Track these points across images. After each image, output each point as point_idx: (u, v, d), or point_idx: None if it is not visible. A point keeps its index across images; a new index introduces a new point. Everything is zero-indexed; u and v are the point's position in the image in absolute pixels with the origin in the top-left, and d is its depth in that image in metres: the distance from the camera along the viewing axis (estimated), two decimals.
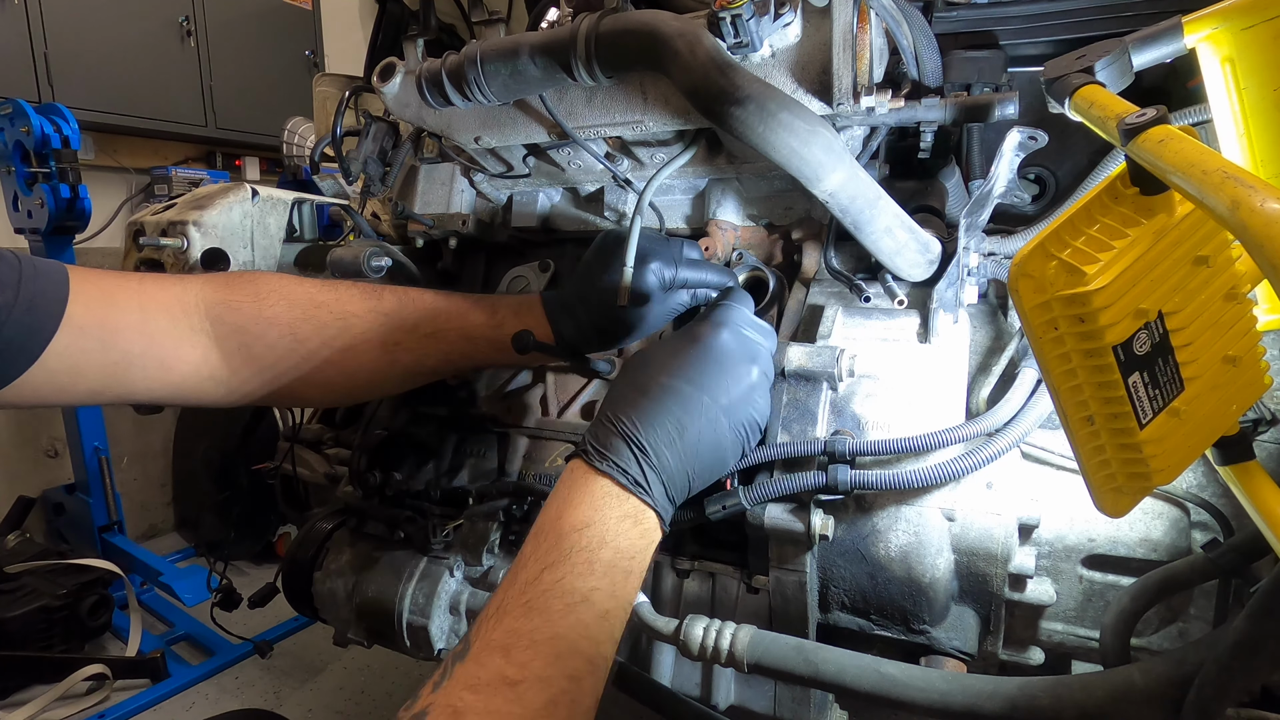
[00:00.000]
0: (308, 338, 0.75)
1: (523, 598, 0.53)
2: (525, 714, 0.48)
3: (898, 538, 0.73)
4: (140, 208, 2.85)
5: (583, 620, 0.52)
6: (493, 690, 0.48)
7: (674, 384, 0.62)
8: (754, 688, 0.80)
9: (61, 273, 0.66)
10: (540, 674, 0.50)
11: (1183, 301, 0.49)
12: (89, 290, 0.66)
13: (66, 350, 0.64)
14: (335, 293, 0.78)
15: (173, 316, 0.71)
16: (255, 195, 1.04)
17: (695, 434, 0.61)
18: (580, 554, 0.55)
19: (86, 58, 2.71)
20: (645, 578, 0.63)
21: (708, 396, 0.62)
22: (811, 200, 0.79)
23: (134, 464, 3.10)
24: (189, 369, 0.72)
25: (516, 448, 0.94)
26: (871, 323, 0.81)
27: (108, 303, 0.67)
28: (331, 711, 2.05)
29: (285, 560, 1.04)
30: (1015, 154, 0.68)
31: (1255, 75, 0.52)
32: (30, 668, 2.06)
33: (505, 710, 0.48)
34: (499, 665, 0.49)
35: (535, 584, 0.53)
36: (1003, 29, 0.80)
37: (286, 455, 1.13)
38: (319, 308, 0.76)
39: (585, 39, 0.71)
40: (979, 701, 0.57)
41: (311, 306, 0.76)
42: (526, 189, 1.01)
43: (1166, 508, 0.73)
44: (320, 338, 0.75)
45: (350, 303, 0.78)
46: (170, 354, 0.71)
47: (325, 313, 0.76)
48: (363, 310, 0.78)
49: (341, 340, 0.76)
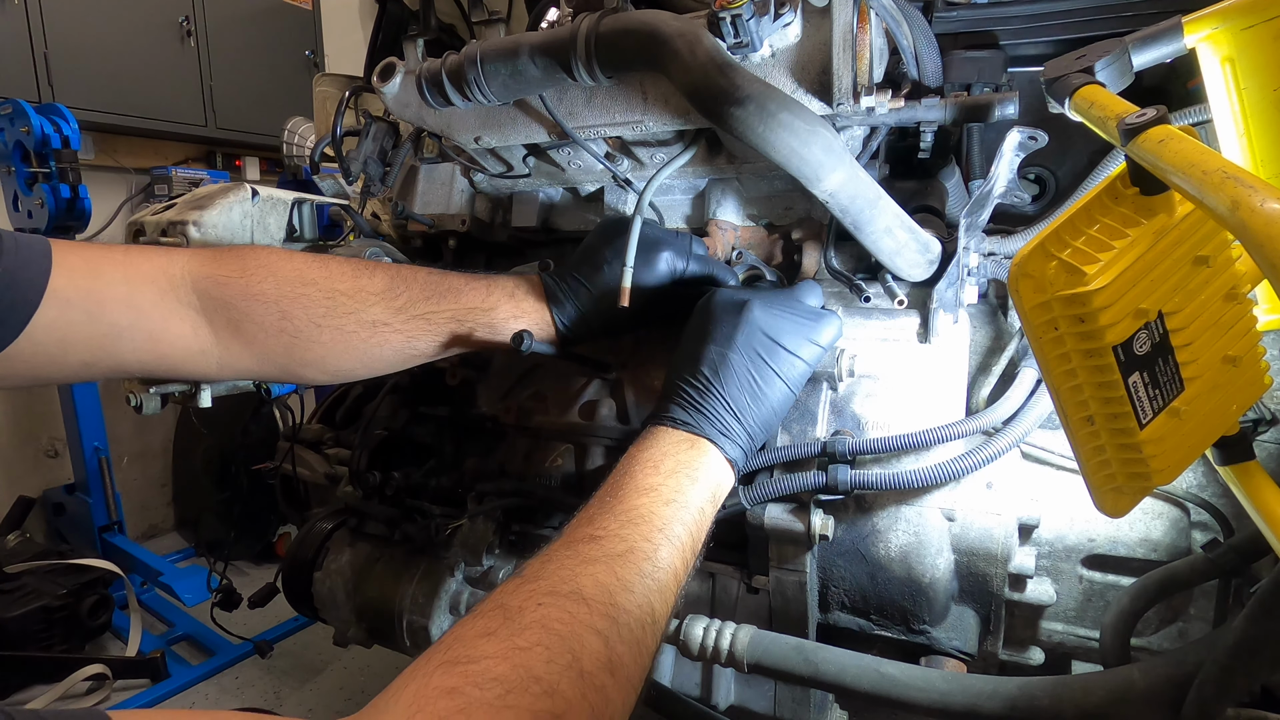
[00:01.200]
0: (295, 316, 0.75)
1: (599, 500, 0.61)
2: (608, 556, 0.55)
3: (898, 538, 0.73)
4: (140, 208, 2.86)
5: (650, 504, 0.60)
6: (580, 543, 0.56)
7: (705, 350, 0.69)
8: (754, 688, 0.80)
9: (43, 246, 0.65)
10: (618, 533, 0.57)
11: (1183, 301, 0.49)
12: (73, 262, 0.66)
13: (54, 323, 0.64)
14: (325, 269, 0.77)
15: (159, 289, 0.71)
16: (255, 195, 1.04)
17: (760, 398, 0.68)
18: (638, 468, 0.63)
19: (86, 58, 2.71)
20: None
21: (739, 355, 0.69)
22: (811, 200, 0.79)
23: (134, 464, 3.10)
24: (179, 342, 0.72)
25: (516, 448, 0.94)
26: (871, 323, 0.81)
27: (93, 274, 0.67)
28: (331, 711, 2.05)
29: (285, 560, 1.04)
30: (1015, 154, 0.68)
31: (1255, 75, 0.52)
32: (30, 668, 2.06)
33: (590, 554, 0.54)
34: (586, 530, 0.57)
35: (619, 486, 0.62)
36: (1003, 29, 0.80)
37: (286, 455, 1.13)
38: (307, 285, 0.75)
39: (585, 39, 0.71)
40: (979, 701, 0.57)
41: (300, 284, 0.75)
42: (526, 189, 1.01)
43: (1166, 508, 0.73)
44: (308, 317, 0.75)
45: (339, 280, 0.77)
46: (158, 327, 0.71)
47: (314, 290, 0.75)
48: (351, 289, 0.77)
49: (329, 320, 0.76)
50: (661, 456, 0.64)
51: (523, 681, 0.44)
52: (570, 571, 0.53)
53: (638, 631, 0.52)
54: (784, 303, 0.72)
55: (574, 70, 0.72)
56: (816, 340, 0.71)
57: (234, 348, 0.75)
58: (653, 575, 0.55)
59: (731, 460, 0.66)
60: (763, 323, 0.69)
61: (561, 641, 0.47)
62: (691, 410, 0.67)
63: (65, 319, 0.65)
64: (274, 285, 0.75)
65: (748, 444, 0.67)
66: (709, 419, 0.66)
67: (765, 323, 0.69)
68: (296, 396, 1.36)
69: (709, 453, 0.65)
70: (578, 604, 0.50)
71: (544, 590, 0.51)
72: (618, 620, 0.51)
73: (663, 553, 0.57)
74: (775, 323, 0.70)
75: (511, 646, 0.46)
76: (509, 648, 0.46)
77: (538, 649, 0.46)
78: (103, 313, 0.67)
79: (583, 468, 0.88)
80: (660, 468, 0.62)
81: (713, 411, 0.66)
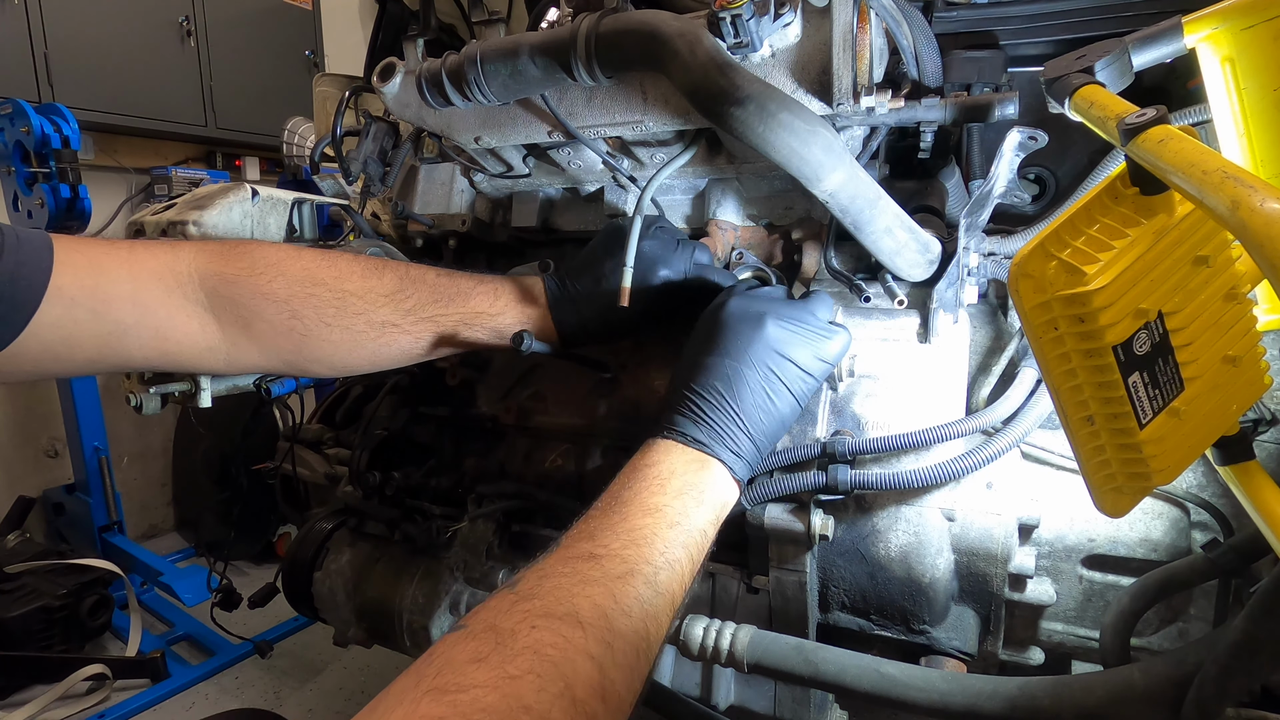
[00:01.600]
0: (305, 316, 0.75)
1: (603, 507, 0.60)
2: (607, 578, 0.53)
3: (898, 538, 0.73)
4: (140, 208, 2.85)
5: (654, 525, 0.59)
6: (579, 561, 0.55)
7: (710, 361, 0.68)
8: (754, 688, 0.80)
9: (45, 241, 0.65)
10: (620, 553, 0.55)
11: (1183, 301, 0.49)
12: (77, 259, 0.66)
13: (59, 321, 0.64)
14: (334, 269, 0.78)
15: (166, 286, 0.70)
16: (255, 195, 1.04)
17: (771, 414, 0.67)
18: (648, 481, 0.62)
19: (86, 58, 2.71)
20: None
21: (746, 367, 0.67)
22: (811, 200, 0.79)
23: (134, 464, 3.10)
24: (186, 339, 0.72)
25: (516, 448, 0.94)
26: (871, 323, 0.81)
27: (97, 271, 0.67)
28: (331, 711, 2.05)
29: (285, 560, 1.04)
30: (1015, 154, 0.68)
31: (1255, 75, 0.52)
32: (30, 668, 2.06)
33: (590, 574, 0.53)
34: (586, 546, 0.56)
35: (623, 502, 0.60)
36: (1003, 29, 0.80)
37: (286, 455, 1.13)
38: (317, 285, 0.76)
39: (585, 39, 0.71)
40: (979, 701, 0.57)
41: (310, 284, 0.76)
42: (526, 189, 1.01)
43: (1166, 508, 0.73)
44: (318, 316, 0.75)
45: (349, 281, 0.77)
46: (165, 324, 0.70)
47: (324, 290, 0.76)
48: (361, 290, 0.77)
49: (339, 320, 0.76)
50: (669, 474, 0.62)
51: (513, 712, 0.43)
52: (567, 592, 0.51)
53: (632, 657, 0.51)
54: (798, 316, 0.70)
55: (574, 70, 0.72)
56: (827, 357, 0.70)
57: (242, 344, 0.75)
58: (651, 600, 0.54)
59: (739, 479, 0.66)
60: (777, 338, 0.68)
61: (554, 668, 0.46)
62: (703, 426, 0.65)
63: (70, 317, 0.65)
64: (284, 285, 0.75)
65: (755, 459, 0.67)
66: (721, 437, 0.65)
67: (779, 338, 0.68)
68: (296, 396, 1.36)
69: (718, 474, 0.64)
70: (573, 628, 0.49)
71: (539, 611, 0.49)
72: (613, 645, 0.50)
73: (662, 576, 0.56)
74: (789, 338, 0.68)
75: (502, 675, 0.45)
76: (500, 676, 0.45)
77: (529, 677, 0.45)
78: (108, 310, 0.67)
79: (583, 468, 0.88)
80: (667, 487, 0.61)
81: (724, 429, 0.65)
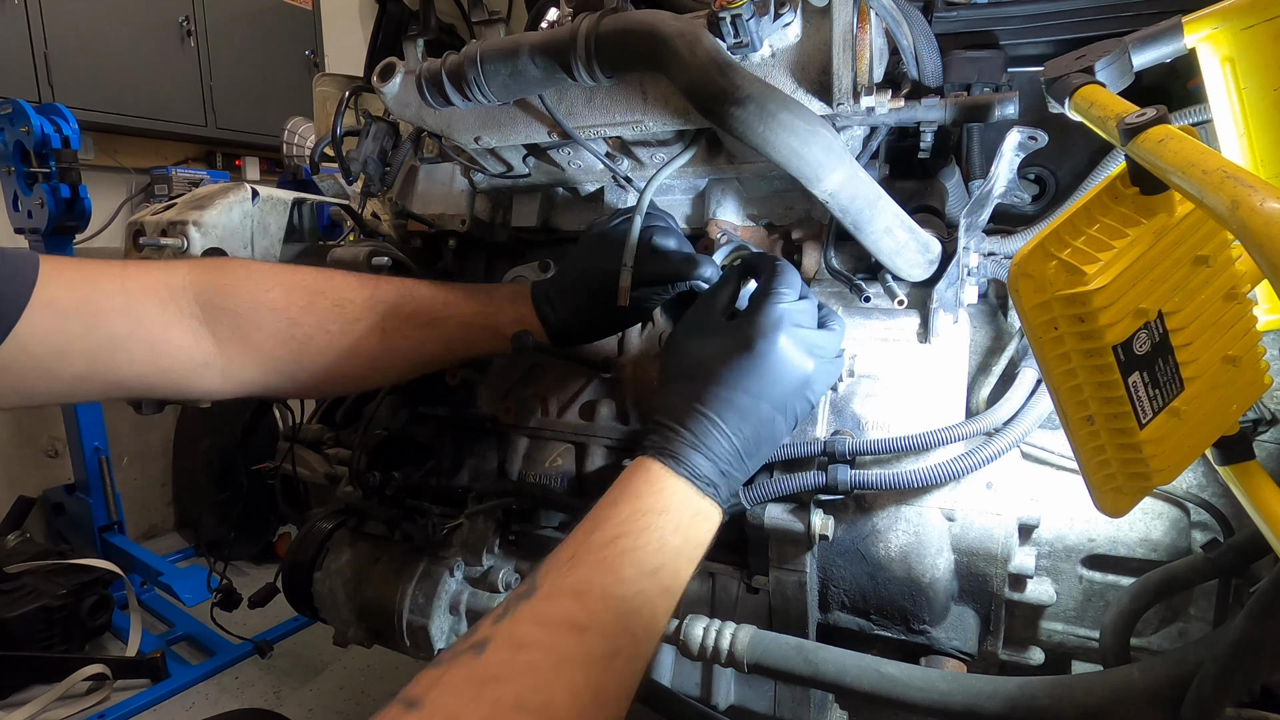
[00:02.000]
0: (305, 324, 0.74)
1: (599, 554, 0.55)
2: (589, 660, 0.49)
3: (898, 538, 0.73)
4: (140, 208, 2.85)
5: (648, 591, 0.55)
6: (561, 630, 0.50)
7: (734, 396, 0.64)
8: (754, 688, 0.80)
9: (30, 259, 0.64)
10: (607, 626, 0.52)
11: (1183, 301, 0.49)
12: (69, 274, 0.65)
13: (49, 334, 0.63)
14: (332, 281, 0.78)
15: (160, 300, 0.69)
16: (255, 195, 1.04)
17: (754, 438, 0.64)
18: (654, 533, 0.58)
19: (86, 58, 2.71)
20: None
21: (765, 404, 0.64)
22: (811, 200, 0.79)
23: (134, 464, 3.10)
24: (180, 354, 0.71)
25: (516, 448, 0.94)
26: (871, 323, 0.81)
27: (89, 284, 0.66)
28: (331, 711, 2.05)
29: (285, 560, 1.04)
30: (1015, 154, 0.68)
31: (1255, 75, 0.52)
32: (30, 668, 2.06)
33: (570, 652, 0.49)
34: (569, 609, 0.51)
35: (611, 546, 0.56)
36: (1003, 29, 0.80)
37: (286, 455, 1.13)
38: (317, 294, 0.76)
39: (585, 39, 0.71)
40: (979, 701, 0.57)
41: (309, 293, 0.75)
42: (526, 189, 1.01)
43: (1166, 508, 0.73)
44: (318, 324, 0.74)
45: (347, 290, 0.77)
46: (159, 337, 0.69)
47: (323, 299, 0.76)
48: (360, 298, 0.77)
49: (339, 327, 0.76)
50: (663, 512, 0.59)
51: None
52: (543, 679, 0.48)
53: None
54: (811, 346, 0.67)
55: (574, 70, 0.72)
56: (829, 383, 0.70)
57: (238, 358, 0.74)
58: (631, 681, 0.53)
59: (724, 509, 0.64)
60: (791, 367, 0.65)
61: None
62: (704, 456, 0.62)
63: (62, 330, 0.64)
64: (283, 294, 0.74)
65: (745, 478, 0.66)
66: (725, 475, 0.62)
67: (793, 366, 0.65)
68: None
69: (715, 518, 0.63)
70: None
71: (510, 704, 0.45)
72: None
73: (644, 649, 0.54)
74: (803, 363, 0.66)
75: None
76: None
77: None
78: (100, 323, 0.66)
79: (583, 468, 0.88)
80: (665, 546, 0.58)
81: (727, 463, 0.62)
